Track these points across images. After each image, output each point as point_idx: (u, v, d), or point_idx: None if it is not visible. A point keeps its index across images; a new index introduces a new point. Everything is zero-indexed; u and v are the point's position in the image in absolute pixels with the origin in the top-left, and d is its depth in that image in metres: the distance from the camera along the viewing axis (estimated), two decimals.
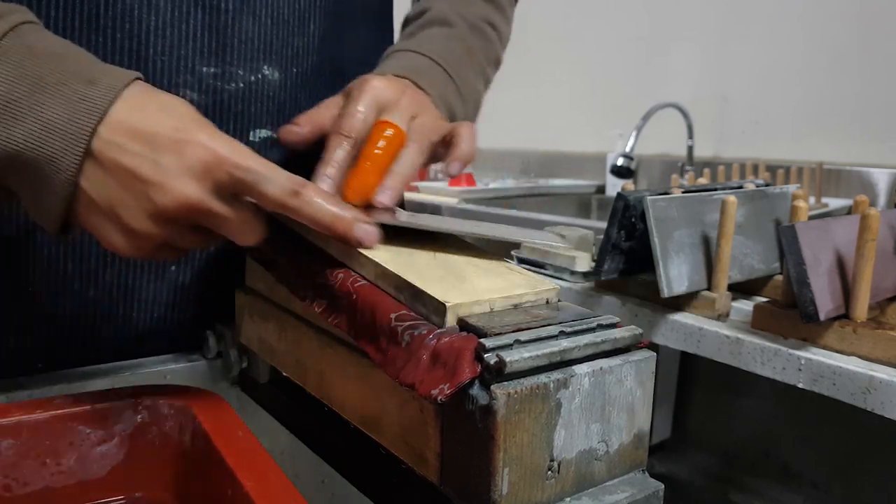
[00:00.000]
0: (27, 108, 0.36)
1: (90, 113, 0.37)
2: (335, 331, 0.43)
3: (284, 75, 0.57)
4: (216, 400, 0.46)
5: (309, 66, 0.58)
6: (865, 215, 0.52)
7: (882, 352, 0.53)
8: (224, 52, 0.53)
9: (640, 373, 0.35)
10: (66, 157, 0.37)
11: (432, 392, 0.32)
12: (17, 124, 0.36)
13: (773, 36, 1.76)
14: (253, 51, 0.54)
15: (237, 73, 0.54)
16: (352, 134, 0.47)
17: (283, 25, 0.56)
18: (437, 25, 0.62)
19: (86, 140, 0.37)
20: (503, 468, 0.31)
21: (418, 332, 0.35)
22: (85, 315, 0.56)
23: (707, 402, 1.11)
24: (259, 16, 0.54)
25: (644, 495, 0.35)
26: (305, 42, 0.57)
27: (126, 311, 0.57)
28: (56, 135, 0.36)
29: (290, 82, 0.57)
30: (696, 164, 1.82)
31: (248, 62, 0.54)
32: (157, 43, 0.50)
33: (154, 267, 0.57)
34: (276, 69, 0.56)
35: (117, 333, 0.58)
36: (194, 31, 0.51)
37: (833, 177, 1.56)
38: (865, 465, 0.93)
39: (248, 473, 0.37)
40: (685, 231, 0.62)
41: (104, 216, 0.38)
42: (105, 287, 0.56)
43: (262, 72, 0.55)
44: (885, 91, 1.56)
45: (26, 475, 0.42)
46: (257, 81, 0.55)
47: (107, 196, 0.38)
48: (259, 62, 0.55)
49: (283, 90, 0.57)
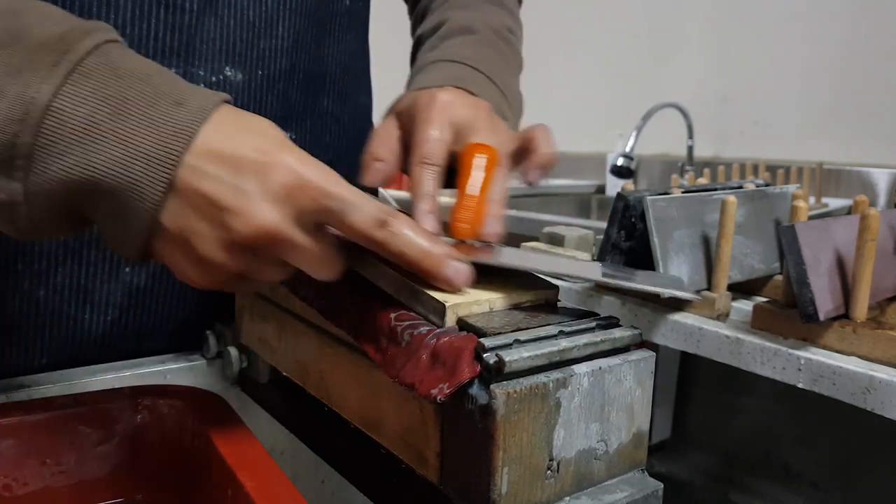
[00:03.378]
0: (110, 132, 0.33)
1: (178, 137, 0.34)
2: (335, 331, 0.43)
3: (248, 77, 0.56)
4: (216, 400, 0.46)
5: (277, 69, 0.57)
6: (865, 215, 0.52)
7: (882, 352, 0.53)
8: (186, 53, 0.52)
9: (640, 372, 0.35)
10: (151, 185, 0.34)
11: (432, 392, 0.32)
12: (98, 149, 0.33)
13: (774, 36, 1.76)
14: (215, 52, 0.53)
15: (198, 73, 0.53)
16: (438, 161, 0.44)
17: (247, 27, 0.54)
18: (461, 34, 0.59)
19: (172, 166, 0.34)
20: (503, 468, 0.31)
21: (418, 332, 0.35)
22: (86, 314, 0.56)
23: (707, 402, 1.11)
24: (222, 16, 0.53)
25: (643, 495, 0.35)
26: (273, 45, 0.56)
27: (126, 310, 0.57)
28: (140, 161, 0.34)
29: (255, 84, 0.56)
30: (696, 164, 1.82)
31: (209, 63, 0.53)
32: None
33: (151, 267, 0.57)
34: (238, 71, 0.55)
35: (118, 333, 0.58)
36: (155, 30, 0.50)
37: (833, 177, 1.56)
38: (865, 465, 0.93)
39: (248, 473, 0.37)
40: (685, 231, 0.62)
41: (175, 245, 0.35)
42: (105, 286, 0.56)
43: (223, 73, 0.54)
44: (886, 91, 1.56)
45: (26, 475, 0.42)
46: (219, 83, 0.54)
47: (180, 225, 0.35)
48: (221, 63, 0.54)
49: (247, 92, 0.56)
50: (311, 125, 0.61)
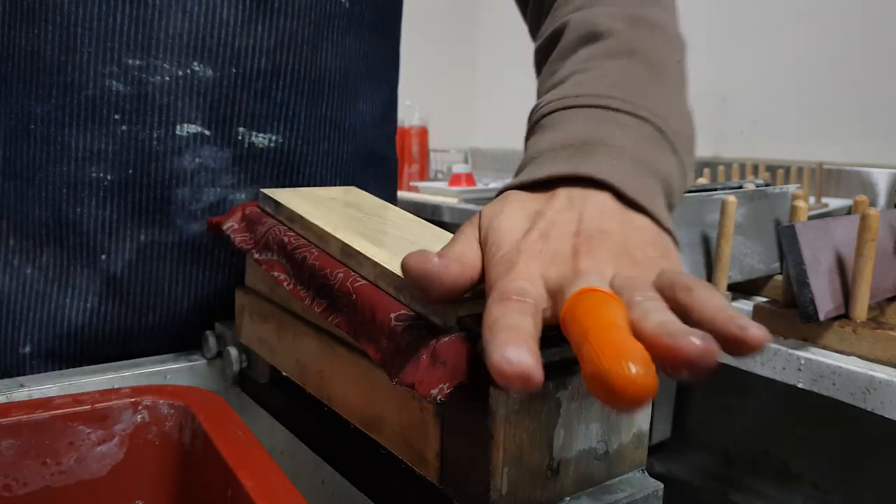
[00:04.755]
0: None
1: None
2: (335, 331, 0.43)
3: (220, 74, 0.55)
4: (216, 400, 0.46)
5: (254, 69, 0.57)
6: (865, 215, 0.52)
7: (882, 352, 0.53)
8: (149, 46, 0.53)
9: None
10: None
11: (432, 392, 0.32)
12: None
13: (774, 36, 1.76)
14: (181, 46, 0.54)
15: (163, 66, 0.54)
16: None
17: (220, 25, 0.54)
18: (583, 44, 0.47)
19: None
20: (503, 468, 0.31)
21: (418, 332, 0.35)
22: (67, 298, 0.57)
23: (707, 402, 1.11)
24: (190, 13, 0.53)
25: (643, 495, 0.35)
26: (250, 44, 0.56)
27: (105, 299, 0.58)
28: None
29: (228, 82, 0.56)
30: (696, 164, 1.82)
31: (175, 56, 0.54)
32: (85, 35, 0.51)
33: (126, 254, 0.57)
34: (209, 67, 0.55)
35: (99, 326, 0.58)
36: (121, 24, 0.52)
37: (833, 177, 1.56)
38: (865, 465, 0.93)
39: (248, 473, 0.37)
40: (685, 231, 0.62)
41: None
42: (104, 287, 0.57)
43: (191, 67, 0.54)
44: (886, 91, 1.56)
45: (26, 475, 0.42)
46: (185, 77, 0.54)
47: None
48: (188, 57, 0.54)
49: (218, 88, 0.56)
50: (306, 130, 0.60)
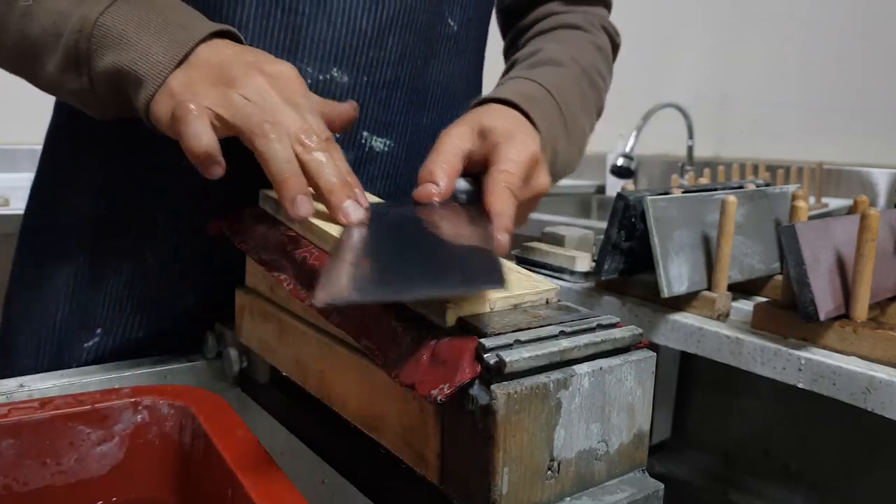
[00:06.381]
0: (134, 41, 0.47)
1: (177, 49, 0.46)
2: (335, 331, 0.43)
3: (353, 81, 0.58)
4: (216, 400, 0.46)
5: (381, 79, 0.60)
6: (865, 215, 0.52)
7: (882, 352, 0.53)
8: (296, 50, 0.56)
9: (640, 373, 0.35)
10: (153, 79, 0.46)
11: (432, 392, 0.32)
12: (125, 53, 0.47)
13: (774, 36, 1.76)
14: (324, 52, 0.57)
15: (307, 69, 0.57)
16: None
17: (359, 35, 0.57)
18: (551, 65, 0.64)
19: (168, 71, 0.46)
20: (503, 468, 0.31)
21: (418, 332, 0.35)
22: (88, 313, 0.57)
23: (707, 402, 1.11)
24: (334, 22, 0.57)
25: (644, 495, 0.35)
26: (381, 55, 0.59)
27: (125, 310, 0.58)
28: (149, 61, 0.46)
29: (360, 89, 0.59)
30: (696, 164, 1.82)
31: (317, 62, 0.57)
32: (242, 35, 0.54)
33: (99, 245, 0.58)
34: (345, 73, 0.58)
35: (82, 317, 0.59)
36: (272, 28, 0.56)
37: (833, 177, 1.56)
38: (865, 465, 0.93)
39: (248, 473, 0.37)
40: (685, 231, 0.62)
41: None
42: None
43: (331, 73, 0.57)
44: (885, 91, 1.56)
45: (26, 475, 0.42)
46: (325, 81, 0.58)
47: None
48: (329, 63, 0.57)
49: (350, 94, 0.59)
50: (410, 137, 0.63)
